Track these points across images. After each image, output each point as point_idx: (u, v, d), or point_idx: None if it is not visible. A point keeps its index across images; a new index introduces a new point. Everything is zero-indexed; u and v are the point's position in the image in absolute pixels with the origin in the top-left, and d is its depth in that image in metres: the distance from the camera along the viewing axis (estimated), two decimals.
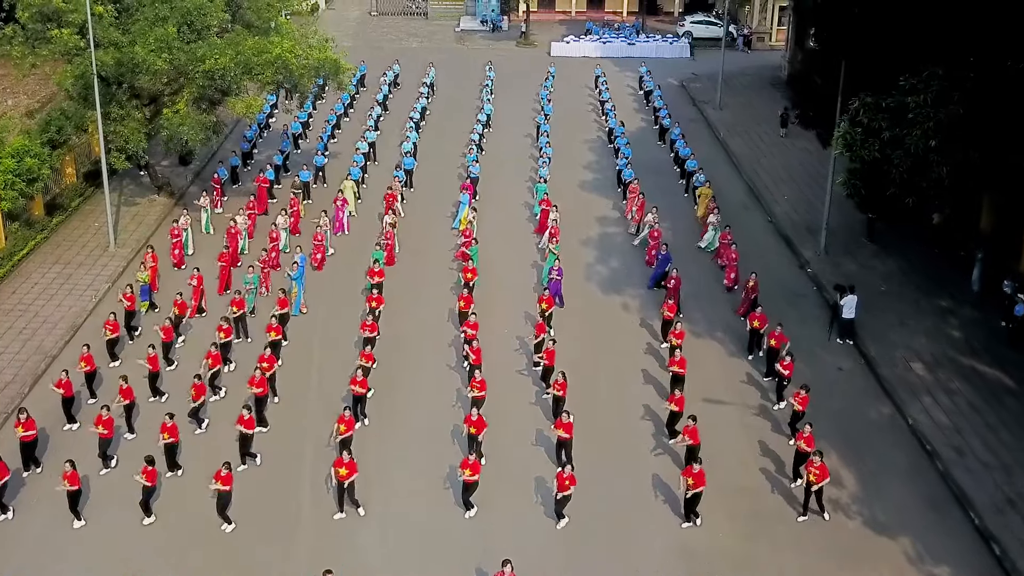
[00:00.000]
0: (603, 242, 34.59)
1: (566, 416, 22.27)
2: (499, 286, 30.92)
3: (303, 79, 33.53)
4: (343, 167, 38.40)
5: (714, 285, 31.40)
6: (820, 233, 33.39)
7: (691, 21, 64.93)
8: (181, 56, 31.30)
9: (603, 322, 29.26)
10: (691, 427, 22.10)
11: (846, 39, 29.27)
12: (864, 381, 26.41)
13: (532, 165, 41.43)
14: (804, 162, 41.61)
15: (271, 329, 26.09)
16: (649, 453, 23.38)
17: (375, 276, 29.38)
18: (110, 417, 22.05)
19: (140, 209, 36.30)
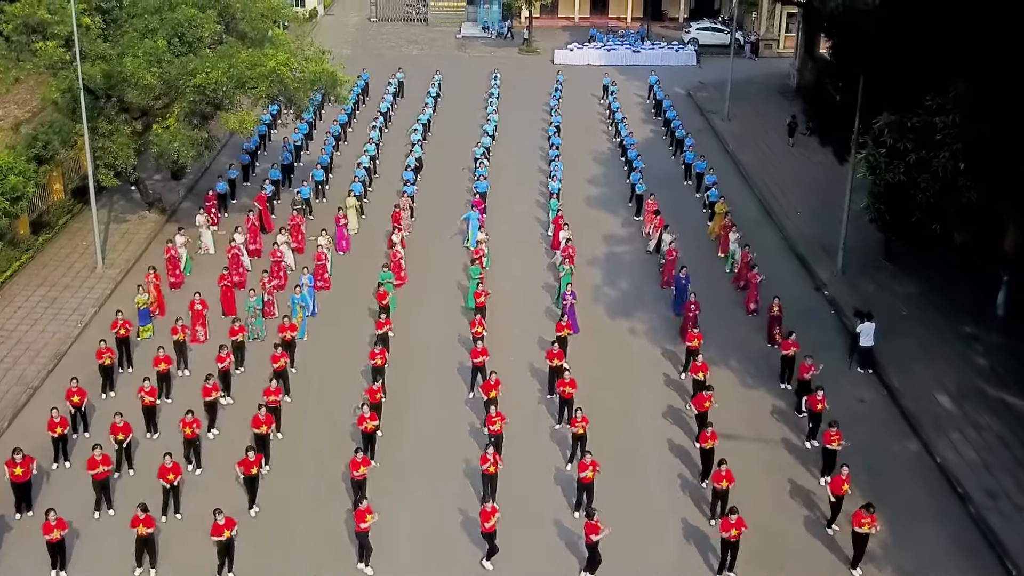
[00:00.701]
0: (611, 262, 33.28)
1: (588, 456, 20.95)
2: (510, 308, 29.66)
3: (299, 93, 32.25)
4: (346, 181, 37.19)
5: (732, 308, 30.07)
6: (836, 253, 32.08)
7: (697, 28, 63.61)
8: (171, 70, 30.01)
9: (612, 349, 27.93)
10: (721, 471, 20.75)
11: (866, 53, 27.96)
12: (887, 414, 25.10)
13: (540, 178, 40.18)
14: (816, 175, 40.29)
15: (276, 359, 24.73)
16: (679, 497, 22.05)
17: (383, 299, 28.05)
18: (105, 455, 20.78)
19: (130, 226, 34.99)
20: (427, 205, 37.06)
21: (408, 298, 29.96)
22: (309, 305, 28.65)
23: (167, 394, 24.89)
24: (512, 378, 25.48)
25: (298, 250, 32.59)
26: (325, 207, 36.39)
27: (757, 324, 29.07)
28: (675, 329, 28.75)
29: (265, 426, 22.26)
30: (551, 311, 29.57)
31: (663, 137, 45.51)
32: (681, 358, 27.14)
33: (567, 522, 21.09)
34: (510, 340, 27.70)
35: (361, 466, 20.87)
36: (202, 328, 27.53)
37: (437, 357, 27.13)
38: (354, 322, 28.83)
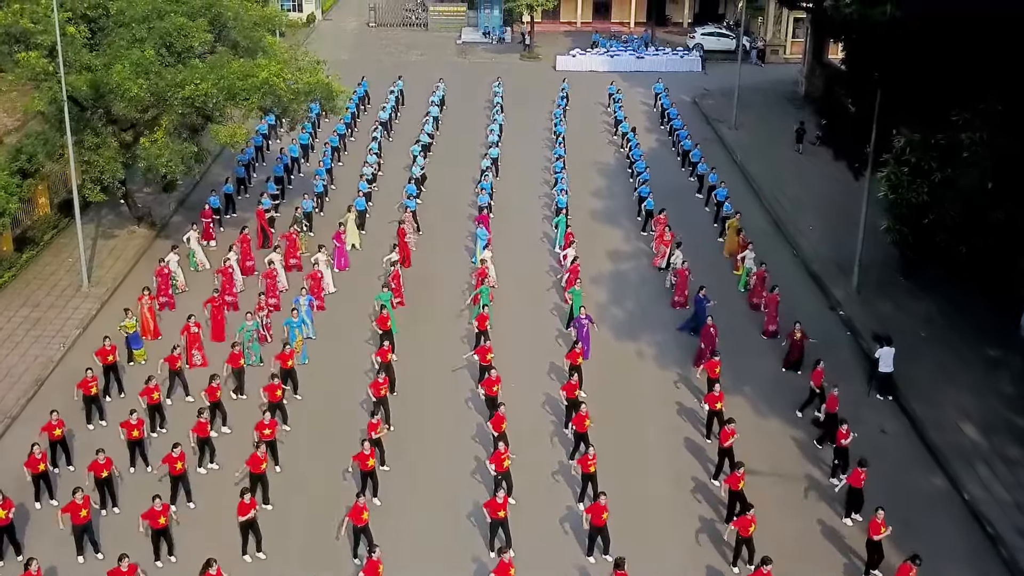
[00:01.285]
0: (616, 280, 32.03)
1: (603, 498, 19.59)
2: (516, 331, 28.41)
3: (293, 104, 31.02)
4: (347, 195, 35.99)
5: (743, 329, 28.79)
6: (851, 270, 30.84)
7: (702, 33, 62.39)
8: (159, 81, 28.76)
9: (620, 374, 26.63)
10: (747, 518, 19.41)
11: (883, 64, 26.76)
12: (911, 446, 23.82)
13: (546, 190, 38.94)
14: (828, 188, 39.01)
15: (272, 390, 23.37)
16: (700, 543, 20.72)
17: (383, 324, 26.68)
18: (86, 497, 19.49)
19: (118, 242, 33.75)
20: (430, 220, 35.81)
21: (410, 320, 28.68)
22: (309, 326, 27.41)
23: (160, 425, 23.65)
24: (520, 408, 24.17)
25: (288, 268, 31.33)
26: (324, 221, 35.11)
27: (769, 347, 27.81)
28: (684, 351, 27.50)
29: (264, 463, 20.98)
30: (561, 334, 28.28)
31: (671, 148, 44.23)
32: (693, 383, 25.91)
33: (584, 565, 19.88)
34: (517, 366, 26.40)
35: (364, 512, 19.45)
36: (199, 352, 26.28)
37: (443, 386, 25.85)
38: (353, 347, 27.54)
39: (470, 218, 35.76)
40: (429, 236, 34.74)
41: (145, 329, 27.45)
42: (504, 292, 30.33)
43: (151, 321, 27.60)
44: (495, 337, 26.95)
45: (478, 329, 26.70)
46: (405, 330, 27.80)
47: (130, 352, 26.42)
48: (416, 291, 30.42)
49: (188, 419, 22.69)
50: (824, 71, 50.66)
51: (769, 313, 28.29)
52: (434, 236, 34.80)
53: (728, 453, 21.86)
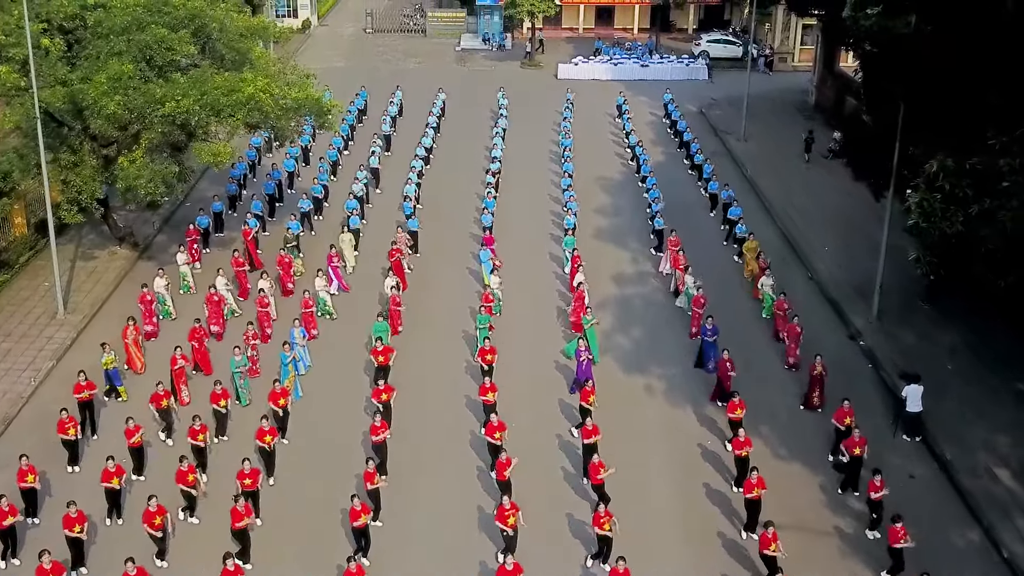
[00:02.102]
0: (623, 306, 30.32)
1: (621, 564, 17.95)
2: (521, 364, 26.64)
3: (281, 121, 29.35)
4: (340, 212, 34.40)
5: (760, 360, 27.03)
6: (871, 295, 29.15)
7: (707, 40, 60.76)
8: (137, 98, 27.08)
9: (628, 411, 24.86)
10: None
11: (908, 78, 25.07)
12: (942, 493, 22.09)
13: (553, 208, 37.24)
14: (841, 203, 37.34)
15: (261, 434, 21.57)
16: None
17: (380, 357, 24.84)
18: (55, 564, 17.76)
19: (99, 263, 32.08)
20: (430, 240, 34.06)
21: (408, 350, 26.96)
22: (303, 358, 25.72)
23: (139, 471, 21.98)
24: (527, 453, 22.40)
25: (286, 293, 29.71)
26: (316, 241, 33.38)
27: (791, 381, 26.10)
28: (697, 385, 25.82)
29: (247, 518, 19.31)
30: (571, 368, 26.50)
31: (681, 161, 42.52)
32: (708, 420, 24.24)
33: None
34: (521, 403, 24.69)
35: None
36: (185, 387, 24.62)
37: (445, 426, 24.09)
38: (348, 380, 25.83)
39: (472, 237, 34.04)
40: (429, 257, 33.02)
41: (130, 363, 25.81)
42: (509, 320, 28.62)
43: (137, 355, 25.93)
44: (499, 369, 25.30)
45: (482, 364, 25.02)
46: (403, 360, 26.16)
47: (111, 387, 24.75)
48: (415, 318, 28.73)
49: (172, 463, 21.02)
50: (835, 81, 49.08)
51: (790, 345, 26.59)
52: (435, 257, 33.08)
53: (754, 505, 20.17)
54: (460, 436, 23.74)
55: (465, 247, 33.62)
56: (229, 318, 28.16)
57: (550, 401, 25.16)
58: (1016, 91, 20.54)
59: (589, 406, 23.11)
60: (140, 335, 26.36)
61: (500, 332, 27.18)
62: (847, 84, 47.00)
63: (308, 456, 22.85)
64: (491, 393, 23.35)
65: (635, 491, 21.67)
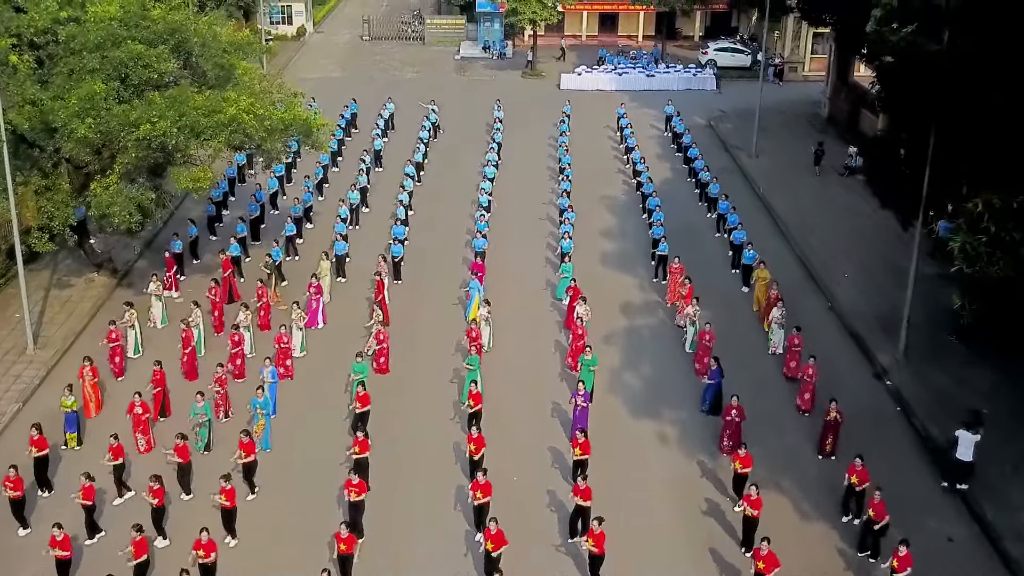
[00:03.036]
0: (631, 339, 28.38)
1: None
2: (515, 407, 24.72)
3: (267, 142, 27.46)
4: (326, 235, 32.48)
5: (780, 406, 25.10)
6: (897, 329, 27.19)
7: (715, 48, 58.88)
8: (110, 120, 25.17)
9: (640, 464, 22.84)
10: None
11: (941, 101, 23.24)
12: (985, 562, 20.06)
13: (549, 230, 35.31)
14: (862, 226, 35.42)
15: (225, 495, 19.66)
16: None
17: (361, 404, 22.90)
18: None
19: (74, 292, 30.20)
20: (418, 266, 32.17)
21: (392, 392, 25.08)
22: (270, 406, 23.81)
23: (90, 532, 20.07)
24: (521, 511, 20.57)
25: (262, 326, 27.82)
26: (299, 267, 31.45)
27: (807, 427, 24.16)
28: (713, 431, 23.86)
29: None
30: (561, 412, 24.64)
31: (686, 179, 40.58)
32: (721, 475, 22.30)
33: None
34: (515, 452, 22.82)
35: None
36: (143, 436, 22.73)
37: (428, 481, 22.04)
38: (323, 427, 23.88)
39: (465, 263, 32.13)
40: (416, 285, 31.05)
41: (87, 405, 23.95)
42: (501, 357, 26.70)
43: (93, 398, 24.07)
44: (490, 415, 23.40)
45: (471, 409, 23.08)
46: (388, 402, 24.26)
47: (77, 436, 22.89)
48: (400, 354, 26.74)
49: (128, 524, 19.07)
50: (850, 92, 47.20)
51: (805, 386, 24.66)
52: (422, 285, 31.10)
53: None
54: (446, 493, 21.63)
55: (456, 273, 31.62)
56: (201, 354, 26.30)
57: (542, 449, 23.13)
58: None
59: (583, 458, 21.22)
60: (97, 377, 24.35)
61: (491, 370, 25.23)
62: (862, 96, 45.15)
63: (276, 516, 20.83)
64: (477, 445, 21.40)
65: (638, 555, 19.76)
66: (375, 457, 21.72)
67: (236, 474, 20.81)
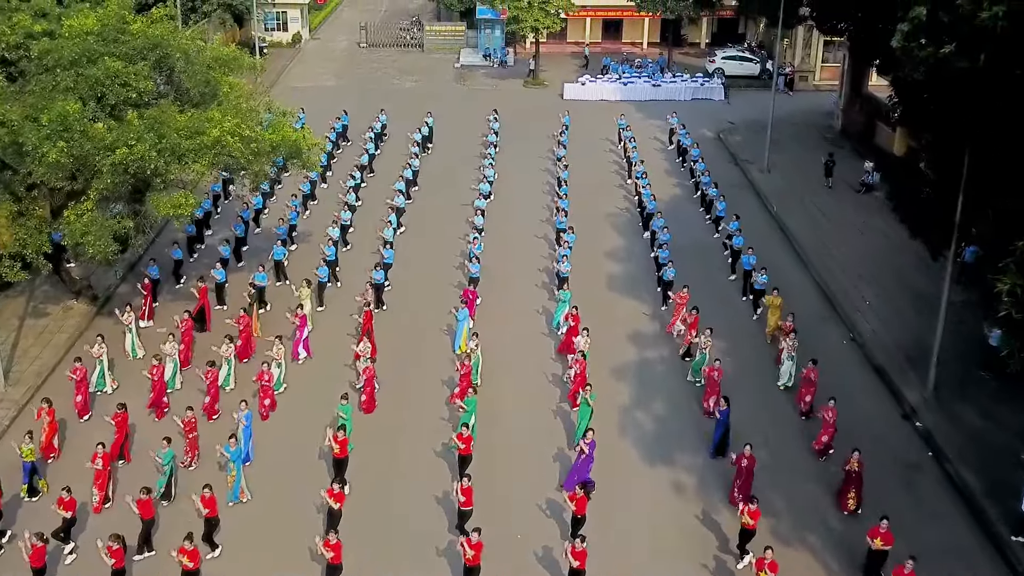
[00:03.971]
0: (641, 373, 26.61)
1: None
2: (509, 450, 22.99)
3: (253, 165, 25.81)
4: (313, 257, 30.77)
5: (797, 449, 23.43)
6: (925, 364, 25.49)
7: (722, 56, 57.14)
8: (84, 143, 23.50)
9: (655, 521, 21.03)
10: None
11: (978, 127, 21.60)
12: None
13: (546, 250, 33.59)
14: (882, 248, 33.74)
15: (186, 557, 17.99)
16: None
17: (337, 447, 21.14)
18: None
19: (51, 322, 28.48)
20: (407, 292, 30.35)
21: (376, 433, 23.32)
22: (242, 455, 22.05)
23: None
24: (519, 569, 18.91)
25: (241, 356, 26.08)
26: (286, 293, 29.69)
27: (829, 473, 22.37)
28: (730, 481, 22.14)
29: None
30: (563, 456, 22.86)
31: (692, 195, 38.86)
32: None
33: None
34: (511, 505, 21.08)
35: None
36: (99, 492, 20.91)
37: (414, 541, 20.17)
38: (303, 473, 22.09)
39: (458, 287, 30.30)
40: (403, 313, 29.19)
41: (45, 450, 22.29)
42: (492, 393, 24.86)
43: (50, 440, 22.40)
44: (482, 459, 21.67)
45: (460, 454, 21.35)
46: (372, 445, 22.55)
47: (29, 485, 21.18)
48: (387, 390, 24.97)
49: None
50: (864, 104, 45.52)
51: (825, 428, 22.92)
52: (410, 314, 29.24)
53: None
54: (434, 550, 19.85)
55: (448, 301, 29.65)
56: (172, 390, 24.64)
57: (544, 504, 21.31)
58: None
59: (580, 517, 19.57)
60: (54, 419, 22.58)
61: (482, 408, 23.30)
62: (877, 108, 43.50)
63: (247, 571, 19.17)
64: (467, 497, 19.70)
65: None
66: (357, 508, 20.07)
67: None
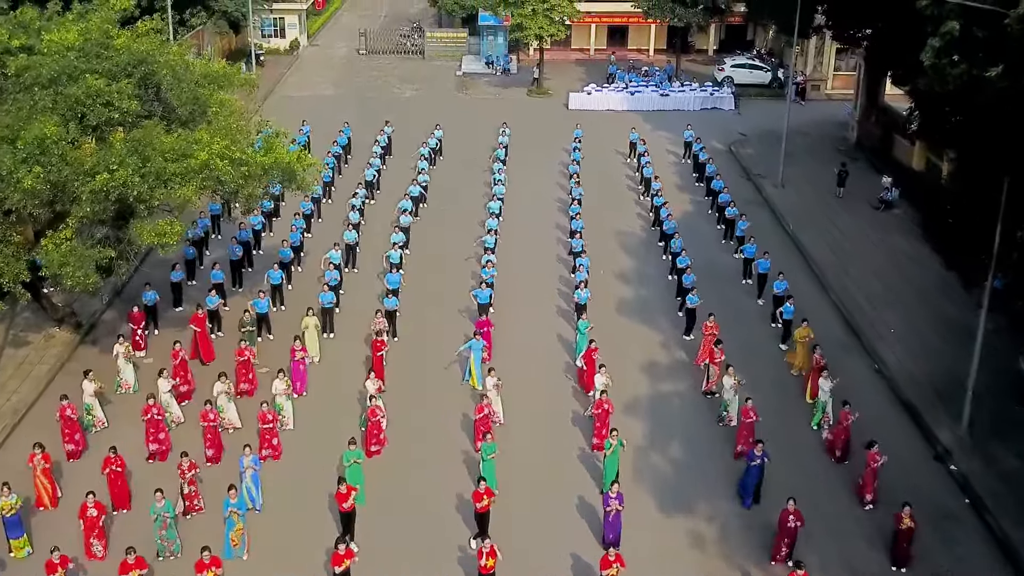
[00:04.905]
0: (657, 409, 25.03)
1: None
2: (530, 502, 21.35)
3: (244, 189, 24.27)
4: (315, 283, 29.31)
5: (835, 497, 21.77)
6: (958, 400, 23.93)
7: (731, 64, 55.55)
8: (62, 168, 21.96)
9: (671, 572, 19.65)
10: None
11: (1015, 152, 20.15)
12: None
13: (561, 273, 32.04)
14: (904, 270, 32.22)
15: None
16: None
17: (344, 501, 19.59)
18: None
19: (31, 351, 26.96)
20: (415, 320, 28.73)
21: (386, 480, 21.79)
22: (253, 497, 20.59)
23: None
24: None
25: (247, 393, 24.63)
26: (284, 320, 28.19)
27: (875, 523, 20.83)
28: (759, 532, 20.52)
29: None
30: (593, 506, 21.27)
31: (708, 212, 37.31)
32: None
33: None
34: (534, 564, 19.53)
35: None
36: (99, 542, 19.49)
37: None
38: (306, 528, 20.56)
39: (467, 316, 28.78)
40: (412, 344, 27.61)
41: (38, 500, 20.76)
42: (510, 434, 23.35)
43: (46, 487, 20.86)
44: (501, 515, 20.12)
45: (478, 512, 19.80)
46: (382, 492, 21.01)
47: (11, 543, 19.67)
48: (395, 431, 23.44)
49: None
50: (880, 116, 43.99)
51: (866, 480, 21.37)
52: (420, 344, 27.64)
53: None
54: None
55: (457, 328, 28.25)
56: (172, 429, 23.13)
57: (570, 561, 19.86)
58: None
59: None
60: (49, 464, 21.08)
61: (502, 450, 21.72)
62: (894, 120, 42.00)
63: None
64: (490, 559, 18.16)
65: None
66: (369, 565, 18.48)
67: None
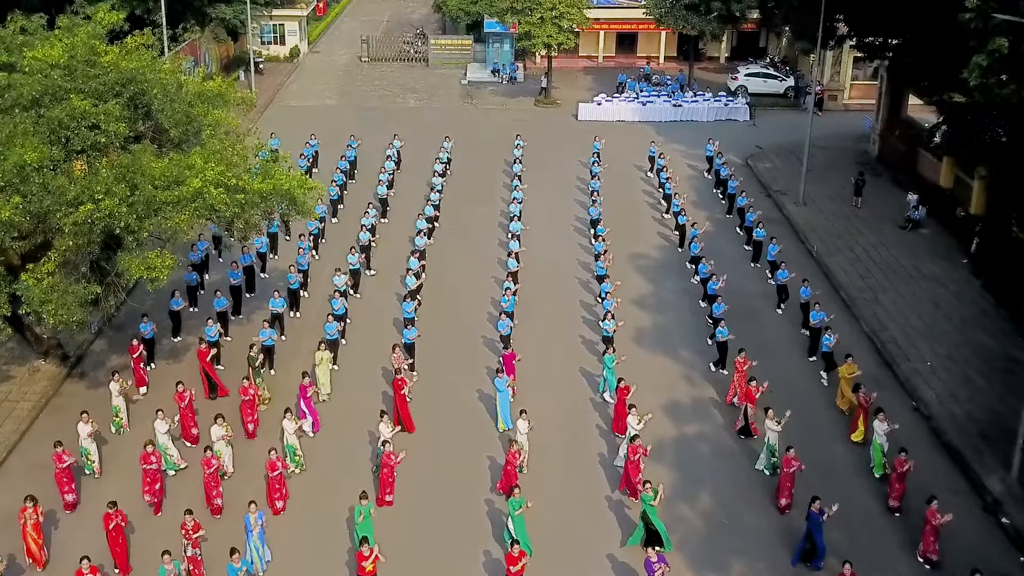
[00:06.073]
0: (684, 454, 23.32)
1: None
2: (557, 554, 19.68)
3: (240, 217, 22.64)
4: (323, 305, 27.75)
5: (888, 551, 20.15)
6: (1005, 443, 22.34)
7: (745, 73, 53.94)
8: (43, 198, 20.31)
9: None
10: None
11: None
12: None
13: (582, 298, 30.35)
14: (938, 297, 30.49)
15: None
16: None
17: (367, 564, 17.94)
18: None
19: (14, 387, 25.34)
20: (431, 353, 26.91)
21: (403, 538, 20.07)
22: (260, 554, 18.96)
23: None
24: None
25: (249, 434, 23.01)
26: (286, 350, 26.55)
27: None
28: None
29: None
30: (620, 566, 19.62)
31: (734, 230, 35.57)
32: None
33: None
34: None
35: None
36: None
37: None
38: None
39: (487, 346, 27.14)
40: (430, 380, 25.89)
41: (29, 554, 19.19)
42: (535, 483, 21.63)
43: (36, 543, 19.24)
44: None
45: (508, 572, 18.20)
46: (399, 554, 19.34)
47: None
48: (409, 480, 21.77)
49: None
50: (904, 129, 42.32)
51: (926, 536, 19.68)
52: (438, 381, 25.89)
53: None
54: None
55: (477, 361, 26.67)
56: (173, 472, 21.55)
57: None
58: None
59: None
60: (41, 516, 19.43)
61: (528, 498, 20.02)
62: (919, 134, 40.33)
63: None
64: None
65: None
66: None
67: None
